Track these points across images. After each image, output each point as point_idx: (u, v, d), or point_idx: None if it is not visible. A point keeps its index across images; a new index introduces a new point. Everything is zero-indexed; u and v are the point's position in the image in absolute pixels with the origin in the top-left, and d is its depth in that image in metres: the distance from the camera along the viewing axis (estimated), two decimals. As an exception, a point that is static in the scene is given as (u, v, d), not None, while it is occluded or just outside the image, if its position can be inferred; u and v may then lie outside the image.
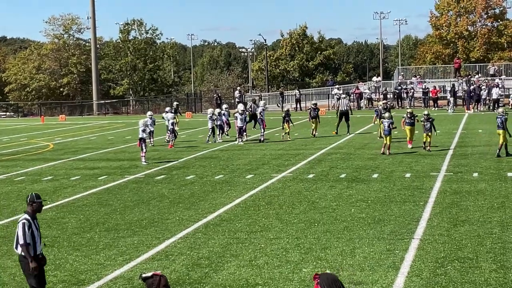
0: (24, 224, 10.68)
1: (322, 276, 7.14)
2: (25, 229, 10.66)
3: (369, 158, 28.12)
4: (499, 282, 11.97)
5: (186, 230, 16.67)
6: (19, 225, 10.72)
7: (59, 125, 58.96)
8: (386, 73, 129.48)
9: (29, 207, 10.94)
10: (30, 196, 11.00)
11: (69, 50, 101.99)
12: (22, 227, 10.67)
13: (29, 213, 10.87)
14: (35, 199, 10.94)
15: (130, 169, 27.51)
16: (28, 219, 10.76)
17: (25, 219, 10.74)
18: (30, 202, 10.93)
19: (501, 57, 79.75)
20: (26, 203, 11.03)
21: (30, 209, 10.92)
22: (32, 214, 10.90)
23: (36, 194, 11.13)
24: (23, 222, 10.70)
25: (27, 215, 10.84)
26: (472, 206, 18.14)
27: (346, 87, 71.97)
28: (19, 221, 10.78)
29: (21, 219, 10.78)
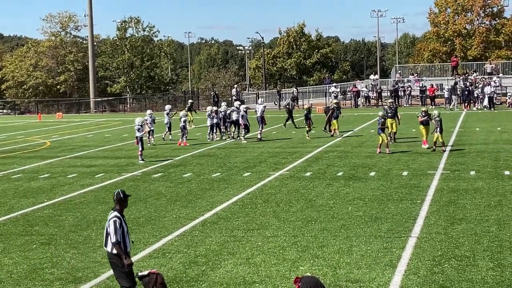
0: (115, 221, 10.56)
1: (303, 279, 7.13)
2: (116, 227, 10.53)
3: (366, 156, 28.12)
4: (496, 280, 11.97)
5: (183, 228, 16.66)
6: (110, 223, 10.57)
7: (56, 122, 58.92)
8: (383, 71, 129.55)
9: (117, 205, 10.80)
10: (118, 193, 10.87)
11: (66, 47, 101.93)
12: (113, 224, 10.55)
13: (118, 210, 10.74)
14: (123, 196, 10.83)
15: (127, 167, 27.49)
16: (118, 216, 10.65)
17: (115, 217, 10.62)
18: (118, 199, 10.81)
19: (498, 55, 79.81)
20: (114, 200, 10.87)
21: (118, 207, 10.79)
22: (121, 211, 10.78)
23: (123, 191, 10.97)
24: (114, 219, 10.59)
25: (116, 212, 10.71)
26: (469, 204, 18.14)
27: (343, 85, 71.98)
28: (110, 219, 10.62)
29: (111, 216, 10.64)
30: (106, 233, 10.66)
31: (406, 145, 30.96)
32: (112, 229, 10.51)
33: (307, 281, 7.07)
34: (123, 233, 10.61)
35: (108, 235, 10.62)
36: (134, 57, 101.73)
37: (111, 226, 10.54)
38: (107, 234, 10.63)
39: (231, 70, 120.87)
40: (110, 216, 10.69)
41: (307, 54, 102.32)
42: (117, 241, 10.50)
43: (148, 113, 35.28)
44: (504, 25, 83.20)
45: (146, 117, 34.11)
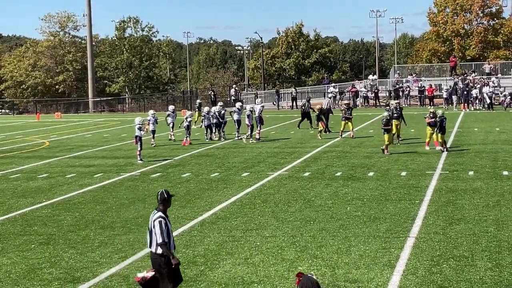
0: (160, 222, 10.39)
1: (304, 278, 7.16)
2: (162, 227, 10.36)
3: (365, 156, 28.13)
4: (494, 281, 11.98)
5: (181, 228, 16.66)
6: (156, 223, 10.39)
7: (54, 122, 58.91)
8: (382, 71, 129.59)
9: (160, 204, 10.62)
10: (161, 193, 10.66)
11: (64, 47, 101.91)
12: (159, 225, 10.38)
13: (162, 210, 10.58)
14: (167, 196, 10.65)
15: (126, 167, 27.49)
16: (163, 216, 10.48)
17: (160, 217, 10.45)
18: (162, 199, 10.62)
19: (497, 55, 79.81)
20: (157, 201, 10.67)
21: (162, 207, 10.62)
22: (164, 211, 10.61)
23: (167, 190, 10.77)
24: (159, 220, 10.41)
25: (160, 212, 10.55)
26: (468, 204, 18.15)
27: (342, 86, 72.00)
28: (155, 219, 10.43)
29: (156, 217, 10.45)
30: (150, 233, 10.50)
31: (405, 146, 30.96)
32: (158, 229, 10.34)
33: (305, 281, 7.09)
34: (168, 233, 10.46)
35: (152, 235, 10.46)
36: (133, 57, 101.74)
37: (157, 227, 10.37)
38: (152, 234, 10.47)
39: (229, 70, 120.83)
40: (154, 216, 10.51)
41: (306, 54, 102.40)
42: (164, 242, 10.35)
43: (151, 113, 34.99)
44: (503, 25, 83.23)
45: (149, 117, 33.99)
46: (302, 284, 7.12)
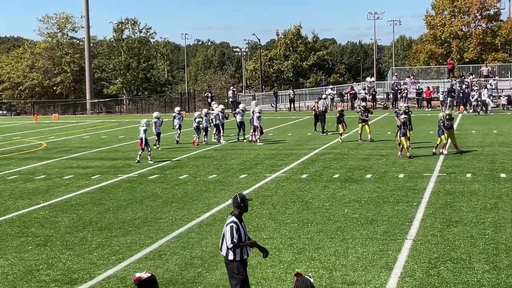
0: (232, 227, 10.01)
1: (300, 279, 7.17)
2: (233, 232, 9.99)
3: (363, 158, 28.13)
4: (491, 283, 11.98)
5: (179, 229, 16.65)
6: (227, 228, 10.05)
7: (52, 124, 58.88)
8: (380, 73, 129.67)
9: (236, 209, 10.22)
10: (236, 197, 10.26)
11: (62, 48, 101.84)
12: (230, 230, 10.01)
13: (236, 215, 10.16)
14: (243, 201, 10.23)
15: (123, 168, 27.48)
16: (236, 221, 10.08)
17: (233, 222, 10.07)
18: (237, 204, 10.21)
19: (495, 58, 79.86)
20: (233, 205, 10.29)
21: (238, 211, 10.21)
22: (239, 216, 10.19)
23: (242, 194, 10.36)
24: (231, 225, 10.04)
25: (234, 217, 10.14)
26: (465, 207, 18.16)
27: (340, 88, 72.04)
28: (227, 224, 10.10)
29: (229, 221, 10.11)
30: (222, 237, 10.22)
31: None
32: (228, 233, 10.03)
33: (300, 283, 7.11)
34: (240, 239, 10.07)
35: (224, 240, 10.18)
36: (131, 58, 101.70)
37: (227, 231, 10.06)
38: (223, 239, 10.20)
39: (227, 72, 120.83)
40: (227, 220, 10.19)
41: (304, 56, 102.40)
42: (233, 243, 10.00)
43: (156, 116, 34.51)
44: (501, 28, 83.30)
45: (154, 119, 33.71)
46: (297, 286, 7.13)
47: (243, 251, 10.21)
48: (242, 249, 10.17)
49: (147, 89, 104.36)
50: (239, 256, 10.16)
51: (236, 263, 10.15)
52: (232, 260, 10.15)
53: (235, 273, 10.17)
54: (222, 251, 10.25)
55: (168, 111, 72.74)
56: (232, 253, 10.12)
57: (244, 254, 10.23)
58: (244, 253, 10.24)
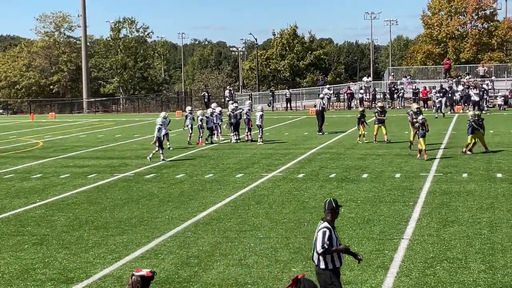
0: (324, 232, 9.56)
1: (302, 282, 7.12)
2: (324, 237, 9.51)
3: (359, 158, 28.15)
4: (487, 283, 12.00)
5: (175, 228, 16.65)
6: (319, 234, 9.58)
7: (48, 123, 58.82)
8: (376, 73, 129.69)
9: (328, 214, 9.79)
10: (329, 202, 9.87)
11: (59, 48, 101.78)
12: (322, 235, 9.55)
13: (328, 221, 9.73)
14: (336, 206, 9.84)
15: (120, 168, 27.46)
16: (329, 227, 9.62)
17: (325, 227, 9.61)
18: (330, 208, 9.81)
19: (491, 58, 79.97)
20: (324, 211, 9.90)
21: (330, 217, 9.78)
22: (331, 222, 9.76)
23: (335, 200, 9.97)
24: (323, 230, 9.59)
25: (326, 223, 9.69)
26: (462, 206, 18.18)
27: (336, 87, 72.06)
28: (319, 229, 9.63)
29: (321, 227, 9.64)
30: (314, 246, 9.72)
31: (399, 147, 30.98)
32: (320, 238, 9.56)
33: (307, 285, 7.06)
34: (331, 245, 9.59)
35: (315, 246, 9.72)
36: (128, 57, 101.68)
37: (319, 237, 9.59)
38: (315, 246, 9.71)
39: (224, 72, 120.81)
40: (319, 226, 9.73)
41: (301, 55, 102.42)
42: (323, 248, 9.51)
43: (164, 115, 34.03)
44: (497, 28, 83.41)
45: (162, 119, 33.25)
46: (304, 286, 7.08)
47: (335, 259, 9.69)
48: (334, 257, 9.66)
49: (144, 89, 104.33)
50: (332, 265, 9.66)
51: (329, 272, 9.65)
52: (325, 269, 9.64)
53: (328, 283, 9.65)
54: (314, 259, 9.77)
55: (164, 110, 72.71)
56: (323, 262, 9.64)
57: (337, 262, 9.71)
58: (337, 261, 9.71)
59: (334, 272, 9.66)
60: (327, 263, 9.61)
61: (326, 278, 9.62)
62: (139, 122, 55.67)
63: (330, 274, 9.63)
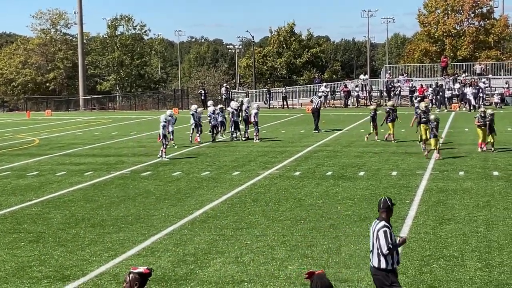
0: (385, 232, 9.36)
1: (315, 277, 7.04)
2: (387, 237, 9.34)
3: (356, 156, 28.16)
4: (484, 281, 12.01)
5: (172, 226, 16.64)
6: (380, 233, 9.37)
7: (45, 120, 58.75)
8: (373, 71, 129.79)
9: (383, 213, 9.56)
10: (385, 201, 9.63)
11: (55, 45, 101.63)
12: (384, 235, 9.36)
13: (385, 219, 9.52)
14: (391, 204, 9.63)
15: (116, 165, 27.43)
16: (387, 226, 9.43)
17: (385, 226, 9.42)
18: (386, 207, 9.57)
19: (488, 56, 80.00)
20: (379, 209, 9.65)
21: (385, 215, 9.56)
22: (387, 220, 9.56)
23: (390, 198, 9.73)
24: (384, 230, 9.38)
25: (384, 222, 9.49)
26: (458, 204, 18.19)
27: (333, 85, 72.06)
28: (378, 229, 9.41)
29: (380, 227, 9.42)
30: (373, 246, 9.51)
31: (396, 145, 31.01)
32: (383, 239, 9.34)
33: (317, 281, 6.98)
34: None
35: (375, 248, 9.47)
36: (124, 55, 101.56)
37: (381, 237, 9.36)
38: (374, 247, 9.49)
39: (220, 69, 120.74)
40: (376, 226, 9.50)
41: (298, 53, 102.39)
42: (389, 248, 9.34)
43: (169, 113, 33.82)
44: (494, 26, 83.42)
45: (168, 117, 32.96)
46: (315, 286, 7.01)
47: (394, 259, 9.52)
48: (392, 257, 9.50)
49: (141, 86, 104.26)
50: (390, 265, 9.50)
51: (388, 272, 9.49)
52: (384, 269, 9.46)
53: (386, 284, 9.49)
54: (373, 260, 9.56)
55: (161, 108, 72.68)
56: (385, 261, 9.44)
57: (395, 262, 9.55)
58: (395, 261, 9.54)
59: (393, 272, 9.53)
60: (388, 262, 9.47)
61: (384, 279, 9.48)
62: (135, 119, 55.64)
63: (389, 274, 9.49)
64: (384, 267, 9.44)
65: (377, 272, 9.49)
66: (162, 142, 28.52)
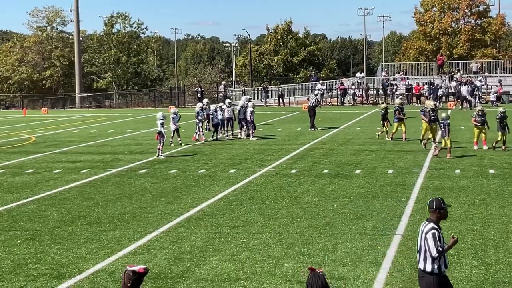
0: (434, 234, 9.09)
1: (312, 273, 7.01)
2: (436, 240, 9.08)
3: (352, 153, 28.17)
4: (480, 279, 12.03)
5: (168, 224, 16.64)
6: (428, 236, 9.10)
7: (41, 117, 58.68)
8: (369, 69, 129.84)
9: (433, 214, 9.29)
10: (437, 201, 9.31)
11: (52, 42, 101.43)
12: (433, 237, 9.07)
13: (434, 221, 9.24)
14: (442, 205, 9.30)
15: (113, 163, 27.42)
16: (436, 228, 9.15)
17: (433, 228, 9.14)
18: (437, 207, 9.26)
19: (484, 54, 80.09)
20: (429, 209, 9.38)
21: (435, 216, 9.28)
22: (437, 222, 9.27)
23: (442, 198, 9.43)
24: (432, 232, 9.10)
25: (432, 223, 9.21)
26: (454, 202, 18.20)
27: (329, 83, 72.07)
28: (427, 231, 9.14)
29: (428, 229, 9.15)
30: (420, 248, 9.28)
31: (392, 143, 31.02)
32: (431, 242, 9.08)
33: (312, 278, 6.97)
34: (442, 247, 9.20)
35: (424, 251, 9.21)
36: (121, 53, 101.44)
37: (429, 240, 9.10)
38: (421, 249, 9.25)
39: (217, 67, 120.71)
40: (425, 228, 9.22)
41: (294, 51, 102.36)
42: (438, 251, 9.07)
43: (173, 111, 33.43)
44: (490, 24, 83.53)
45: (172, 115, 32.80)
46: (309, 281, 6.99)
47: (441, 262, 9.24)
48: (440, 260, 9.21)
49: (137, 84, 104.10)
50: (437, 268, 9.23)
51: (435, 276, 9.22)
52: (430, 272, 9.20)
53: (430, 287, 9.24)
54: (420, 261, 9.30)
55: (157, 105, 72.67)
56: (431, 264, 9.20)
57: (442, 265, 9.25)
58: (442, 264, 9.26)
59: (440, 276, 9.27)
60: (435, 265, 9.22)
61: (428, 282, 9.24)
62: (132, 117, 55.60)
63: (435, 278, 9.22)
64: (430, 270, 9.20)
65: (423, 274, 9.28)
66: (160, 140, 28.46)
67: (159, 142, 28.51)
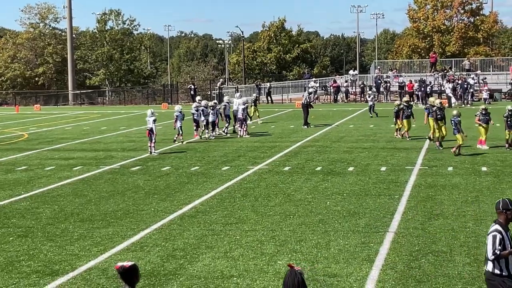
0: (495, 236, 8.79)
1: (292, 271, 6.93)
2: (495, 242, 8.77)
3: (345, 151, 28.19)
4: (472, 276, 12.05)
5: (161, 221, 16.63)
6: (489, 237, 8.86)
7: (34, 114, 58.57)
8: (362, 66, 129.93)
9: (501, 215, 8.95)
10: (503, 202, 8.99)
11: (45, 39, 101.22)
12: (492, 239, 8.80)
13: (501, 223, 8.91)
14: (509, 206, 8.91)
15: (105, 160, 27.39)
16: (499, 230, 8.83)
17: (496, 231, 8.83)
18: (504, 209, 8.93)
19: (476, 52, 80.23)
20: (496, 211, 9.09)
21: (503, 218, 8.93)
22: (505, 224, 8.92)
23: (509, 199, 9.02)
24: (493, 234, 8.82)
25: (498, 225, 8.89)
26: (447, 200, 18.24)
27: (322, 80, 72.11)
28: (489, 233, 8.92)
29: (492, 230, 8.89)
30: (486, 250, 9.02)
31: (385, 141, 31.06)
32: (490, 243, 8.83)
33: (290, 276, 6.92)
34: (504, 248, 8.81)
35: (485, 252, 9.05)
36: (114, 49, 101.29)
37: (489, 241, 8.87)
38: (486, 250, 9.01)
39: (210, 64, 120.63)
40: (490, 229, 9.00)
41: (287, 49, 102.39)
42: (494, 254, 8.78)
43: (178, 109, 32.98)
44: (483, 22, 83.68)
45: (176, 113, 32.52)
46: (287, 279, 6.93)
47: (509, 264, 8.90)
48: (508, 262, 8.89)
49: (130, 81, 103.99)
50: (506, 271, 8.90)
51: (501, 278, 8.91)
52: (499, 275, 8.91)
53: None
54: (487, 263, 9.04)
55: (150, 103, 72.60)
56: (494, 267, 8.91)
57: (504, 270, 8.91)
58: (510, 266, 8.91)
59: (507, 279, 8.93)
60: (501, 268, 8.92)
61: (498, 284, 8.93)
62: (125, 114, 55.53)
63: (501, 280, 8.93)
64: (499, 273, 8.91)
65: (492, 277, 8.97)
66: (151, 137, 28.39)
67: (149, 139, 28.45)
